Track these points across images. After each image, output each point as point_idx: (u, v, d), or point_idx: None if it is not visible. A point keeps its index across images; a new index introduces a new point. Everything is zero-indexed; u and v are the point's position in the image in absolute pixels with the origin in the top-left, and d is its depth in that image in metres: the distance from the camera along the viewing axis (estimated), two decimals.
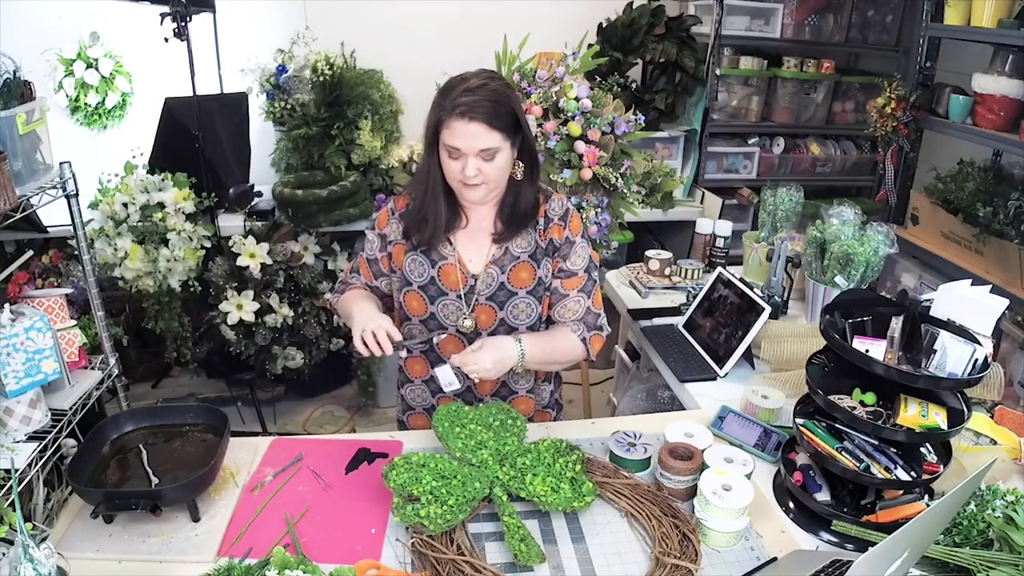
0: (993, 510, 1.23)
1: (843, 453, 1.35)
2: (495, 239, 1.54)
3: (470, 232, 1.56)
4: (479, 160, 1.39)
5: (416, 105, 3.43)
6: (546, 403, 1.75)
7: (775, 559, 1.27)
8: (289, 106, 2.98)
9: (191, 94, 2.63)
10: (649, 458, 1.48)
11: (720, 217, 3.19)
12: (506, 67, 2.31)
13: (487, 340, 1.48)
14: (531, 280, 1.55)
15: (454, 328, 1.57)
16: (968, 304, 1.42)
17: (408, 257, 1.55)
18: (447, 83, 1.43)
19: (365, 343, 1.43)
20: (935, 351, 1.37)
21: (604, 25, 3.34)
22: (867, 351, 1.37)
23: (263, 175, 3.21)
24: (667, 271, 2.49)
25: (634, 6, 3.34)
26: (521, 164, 1.49)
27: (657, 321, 2.23)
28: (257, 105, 3.11)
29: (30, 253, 1.82)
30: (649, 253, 2.51)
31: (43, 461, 1.52)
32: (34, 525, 1.36)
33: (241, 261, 2.72)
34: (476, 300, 1.54)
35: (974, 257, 2.52)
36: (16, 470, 1.25)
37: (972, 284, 1.46)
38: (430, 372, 1.63)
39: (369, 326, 1.43)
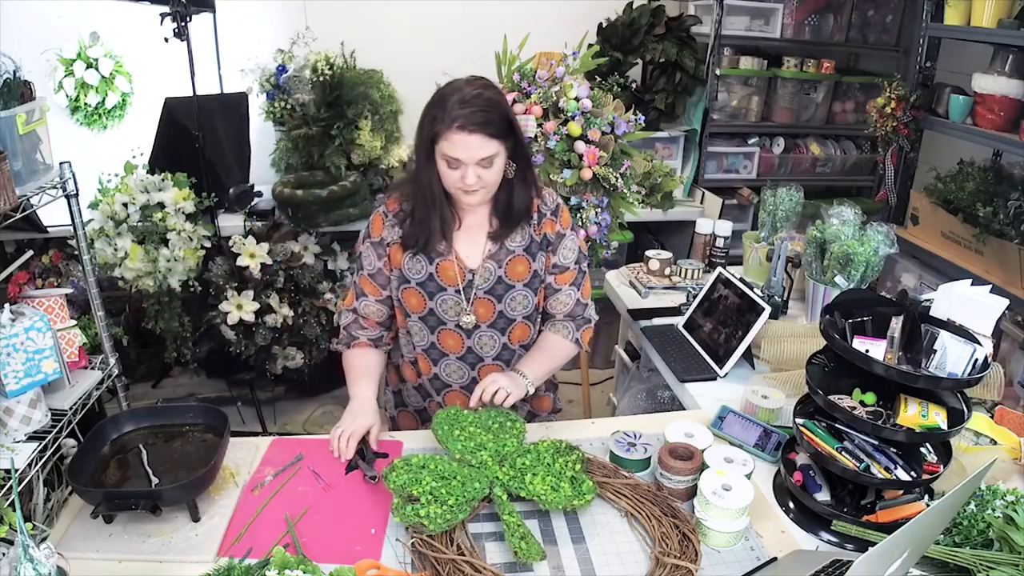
0: (993, 510, 1.23)
1: (843, 453, 1.35)
2: (491, 236, 1.57)
3: (465, 230, 1.58)
4: (479, 168, 1.41)
5: (416, 105, 3.39)
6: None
7: (775, 559, 1.27)
8: (289, 106, 2.98)
9: (191, 94, 2.63)
10: (649, 458, 1.48)
11: (720, 217, 3.19)
12: (506, 67, 2.31)
13: (487, 378, 1.53)
14: (527, 273, 1.59)
15: (453, 324, 1.60)
16: (968, 304, 1.42)
17: (406, 256, 1.57)
18: (440, 94, 1.44)
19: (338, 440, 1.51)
20: (935, 351, 1.36)
21: (604, 25, 3.34)
22: (867, 351, 1.37)
23: (263, 175, 3.21)
24: (667, 271, 2.49)
25: (634, 6, 3.34)
26: (514, 164, 1.50)
27: (657, 321, 2.23)
28: (257, 105, 3.11)
29: (30, 253, 1.82)
30: (649, 253, 2.51)
31: (43, 461, 1.52)
32: (34, 525, 1.36)
33: (241, 261, 2.72)
34: (475, 294, 1.57)
35: (974, 257, 2.52)
36: (16, 470, 1.25)
37: (972, 284, 1.46)
38: (431, 371, 1.67)
39: (348, 429, 1.50)
